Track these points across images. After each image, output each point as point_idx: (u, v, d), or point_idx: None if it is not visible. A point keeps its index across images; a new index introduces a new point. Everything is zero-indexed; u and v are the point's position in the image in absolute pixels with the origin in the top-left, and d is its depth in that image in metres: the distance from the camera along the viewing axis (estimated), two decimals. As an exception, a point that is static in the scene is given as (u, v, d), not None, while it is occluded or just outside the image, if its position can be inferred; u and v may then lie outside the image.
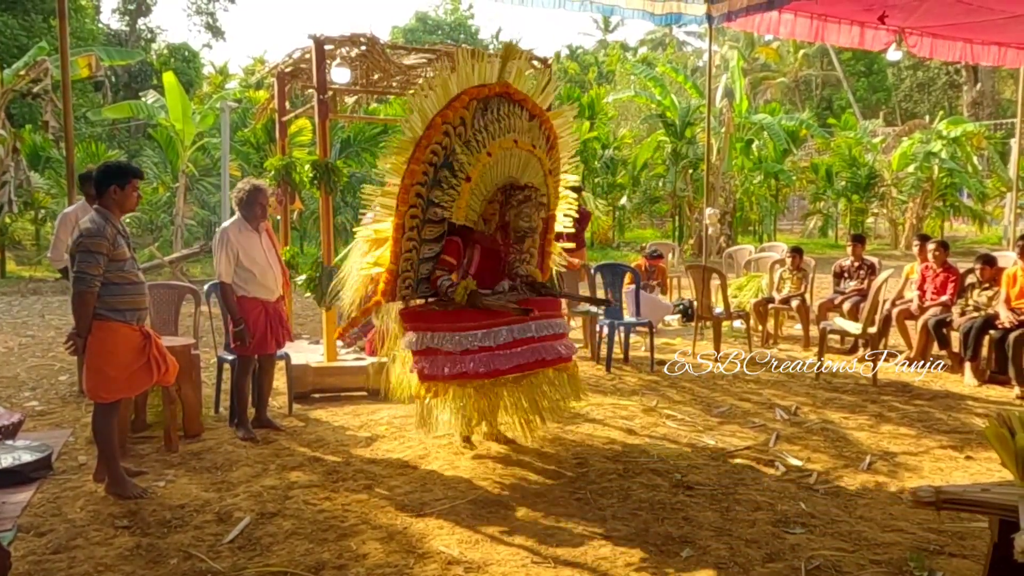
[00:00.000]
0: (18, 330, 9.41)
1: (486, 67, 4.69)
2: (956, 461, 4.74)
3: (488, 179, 4.73)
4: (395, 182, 4.61)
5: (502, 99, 4.75)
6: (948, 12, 8.56)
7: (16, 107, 18.37)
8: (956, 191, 20.99)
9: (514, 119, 4.77)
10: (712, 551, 3.51)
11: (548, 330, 4.70)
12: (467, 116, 4.63)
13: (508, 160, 4.76)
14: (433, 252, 4.74)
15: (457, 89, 4.59)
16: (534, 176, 4.88)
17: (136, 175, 4.16)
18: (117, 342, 4.00)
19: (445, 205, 4.64)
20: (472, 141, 4.64)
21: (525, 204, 4.66)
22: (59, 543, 3.56)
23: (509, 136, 4.72)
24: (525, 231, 4.71)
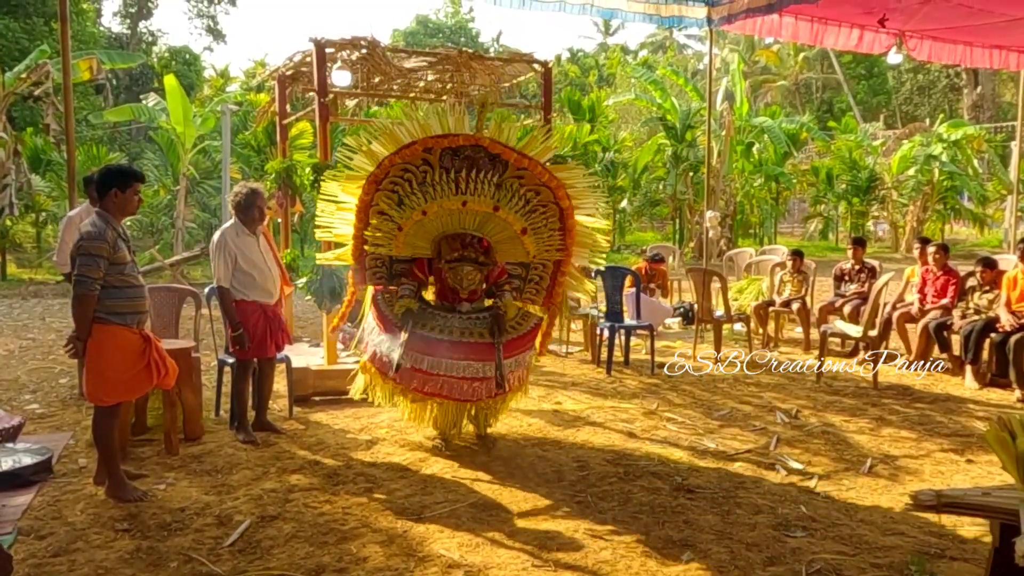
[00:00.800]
0: (19, 333, 9.41)
1: (450, 121, 4.71)
2: (957, 464, 4.74)
3: (430, 229, 4.86)
4: (350, 203, 4.86)
5: (476, 150, 4.75)
6: (949, 15, 8.55)
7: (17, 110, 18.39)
8: (956, 194, 21.03)
9: (484, 171, 4.73)
10: (713, 554, 3.50)
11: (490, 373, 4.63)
12: (432, 159, 4.72)
13: (457, 217, 4.80)
14: (405, 268, 4.97)
15: (409, 138, 4.68)
16: (498, 232, 4.86)
17: (137, 178, 4.15)
18: (117, 345, 4.00)
19: (381, 242, 4.84)
20: (407, 200, 4.74)
21: (460, 263, 4.81)
22: (59, 546, 3.55)
23: (456, 199, 4.72)
24: (458, 288, 4.84)
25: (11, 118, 15.05)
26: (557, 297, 5.11)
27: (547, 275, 5.09)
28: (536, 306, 5.09)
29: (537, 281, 5.10)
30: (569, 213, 4.94)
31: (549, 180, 4.80)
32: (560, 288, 5.13)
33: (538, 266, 5.08)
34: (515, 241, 4.89)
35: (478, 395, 4.69)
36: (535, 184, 4.82)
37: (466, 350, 4.61)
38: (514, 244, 4.92)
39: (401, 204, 4.78)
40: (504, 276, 5.00)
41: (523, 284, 5.09)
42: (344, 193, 4.94)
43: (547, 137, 4.94)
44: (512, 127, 4.91)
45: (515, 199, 4.81)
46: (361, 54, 6.86)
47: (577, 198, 4.99)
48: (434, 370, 4.58)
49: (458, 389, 4.63)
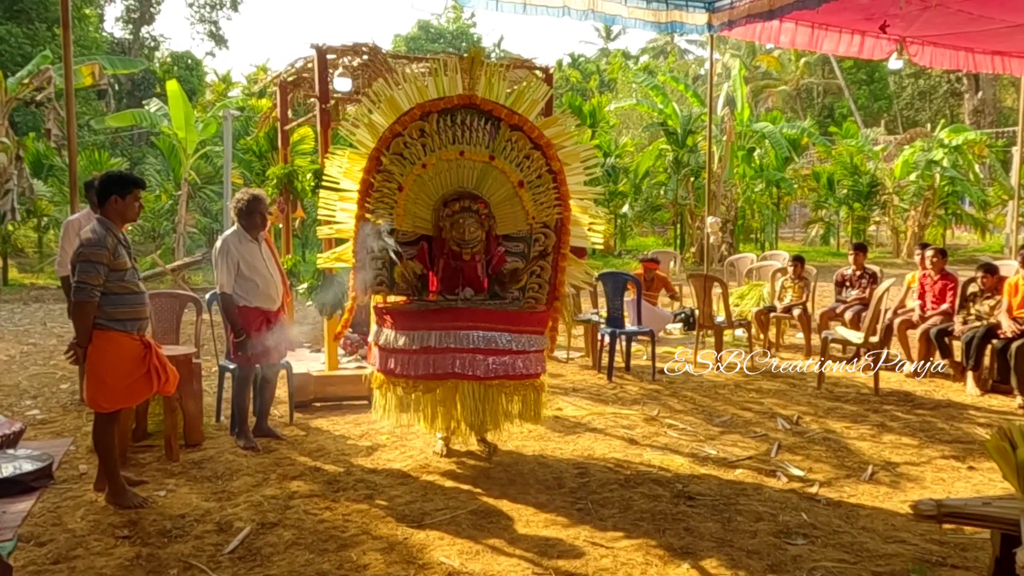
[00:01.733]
0: (20, 338, 9.42)
1: (443, 81, 4.75)
2: (958, 471, 4.73)
3: (429, 189, 4.83)
4: (352, 188, 4.83)
5: (469, 110, 4.78)
6: (949, 21, 8.57)
7: (20, 115, 18.45)
8: (958, 199, 21.01)
9: (478, 130, 4.77)
10: (714, 562, 3.49)
11: (502, 343, 4.53)
12: (427, 127, 4.74)
13: (453, 171, 4.80)
14: (409, 255, 4.87)
15: (408, 103, 4.72)
16: (496, 188, 4.85)
17: (137, 185, 4.15)
18: (117, 352, 4.00)
19: (382, 214, 4.77)
20: (404, 153, 4.75)
21: (459, 215, 4.72)
22: (59, 553, 3.55)
23: (454, 148, 4.76)
24: (459, 243, 4.73)
25: (13, 123, 15.09)
26: (560, 287, 5.00)
27: (548, 266, 5.00)
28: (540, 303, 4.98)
29: (539, 274, 5.01)
30: (561, 178, 4.90)
31: (539, 137, 4.81)
32: (562, 277, 5.02)
33: (536, 254, 4.97)
34: (513, 201, 4.87)
35: (497, 372, 4.51)
36: (527, 148, 4.83)
37: (473, 316, 4.55)
38: (512, 205, 4.88)
39: (402, 159, 4.78)
40: (505, 262, 4.93)
41: (525, 279, 4.99)
42: (346, 178, 4.92)
43: (535, 90, 4.92)
44: (502, 82, 4.85)
45: (510, 150, 4.82)
46: (362, 60, 6.88)
47: (566, 160, 4.95)
48: (443, 344, 4.47)
49: (472, 364, 4.47)
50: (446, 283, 4.89)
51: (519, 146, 4.82)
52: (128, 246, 4.11)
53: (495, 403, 4.61)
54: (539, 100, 4.95)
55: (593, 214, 5.28)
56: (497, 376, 4.52)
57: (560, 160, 4.89)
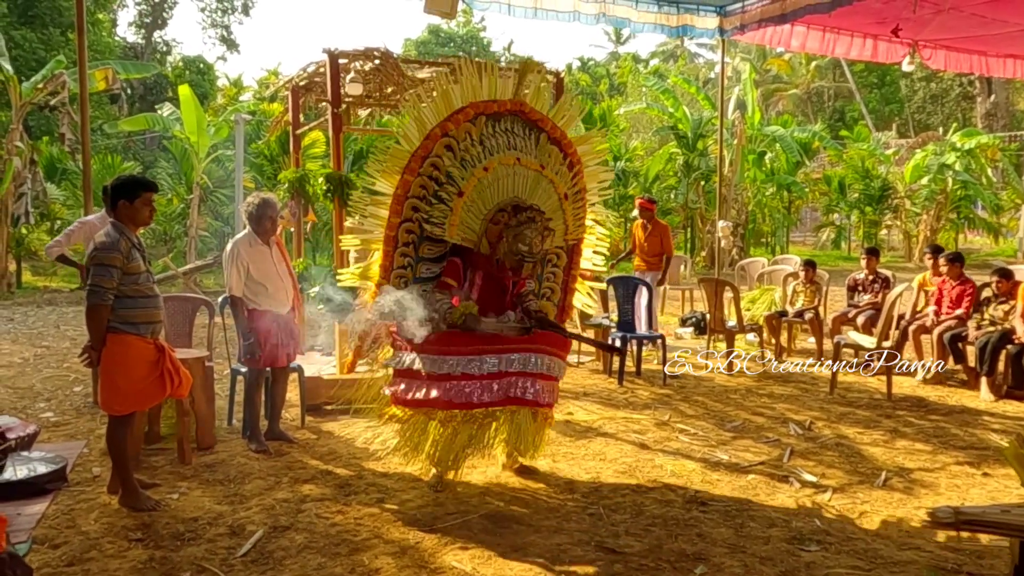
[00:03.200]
0: (33, 341, 9.48)
1: (497, 82, 4.48)
2: (973, 478, 4.69)
3: (486, 196, 4.44)
4: (386, 191, 4.44)
5: (515, 117, 4.58)
6: (962, 25, 8.53)
7: (34, 119, 18.59)
8: (970, 203, 20.88)
9: (523, 139, 4.55)
10: (726, 568, 3.48)
11: (538, 367, 4.24)
12: (474, 132, 4.43)
13: (510, 178, 4.48)
14: (432, 272, 4.55)
15: (461, 101, 4.39)
16: (545, 199, 4.57)
17: (146, 188, 4.11)
18: (130, 355, 4.02)
19: (437, 221, 4.39)
20: (467, 156, 4.42)
21: (526, 226, 4.32)
22: (73, 555, 3.57)
23: (511, 153, 4.47)
24: (523, 255, 4.35)
25: (27, 127, 15.22)
26: (570, 310, 4.90)
27: (557, 284, 4.92)
28: None
29: (548, 297, 4.90)
30: (584, 197, 4.74)
31: (573, 154, 4.67)
32: (571, 299, 4.95)
33: (549, 275, 4.90)
34: (559, 212, 4.65)
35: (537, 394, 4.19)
36: (559, 161, 4.68)
37: (504, 342, 4.26)
38: (557, 216, 4.64)
39: (463, 161, 4.42)
40: (525, 287, 4.66)
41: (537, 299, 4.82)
42: (382, 179, 4.48)
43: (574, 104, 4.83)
44: (547, 96, 4.70)
45: (554, 163, 4.64)
46: (374, 65, 6.91)
47: (588, 180, 4.83)
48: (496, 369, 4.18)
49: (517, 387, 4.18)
50: (486, 304, 4.47)
51: (556, 159, 4.68)
52: (142, 249, 4.13)
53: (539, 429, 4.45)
54: (576, 116, 4.82)
55: (600, 235, 5.12)
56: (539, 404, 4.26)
57: (584, 180, 4.77)
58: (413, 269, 4.51)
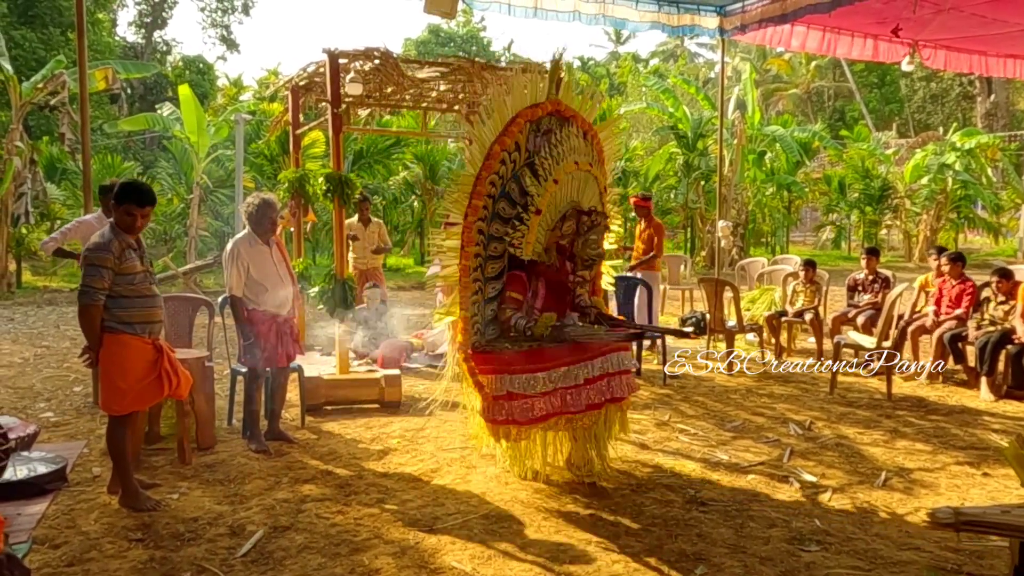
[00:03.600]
0: (33, 341, 9.48)
1: (536, 84, 4.44)
2: (973, 478, 4.69)
3: (554, 208, 4.45)
4: (459, 221, 4.37)
5: (553, 118, 4.54)
6: (962, 25, 8.53)
7: (34, 119, 18.59)
8: (970, 203, 20.88)
9: (570, 139, 4.51)
10: (726, 568, 3.48)
11: (617, 365, 4.38)
12: (521, 140, 4.41)
13: (570, 184, 4.48)
14: (495, 290, 4.50)
15: (512, 112, 4.37)
16: (592, 197, 4.62)
17: (130, 200, 3.99)
18: (128, 355, 4.02)
19: (515, 242, 4.35)
20: (540, 169, 4.36)
21: (593, 231, 4.41)
22: (73, 555, 3.57)
23: (570, 159, 4.45)
24: (594, 259, 4.47)
25: (27, 127, 15.22)
26: (598, 291, 4.90)
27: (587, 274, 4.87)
28: None
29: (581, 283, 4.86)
30: (604, 181, 4.76)
31: (598, 144, 4.68)
32: (599, 282, 4.97)
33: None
34: (599, 206, 4.68)
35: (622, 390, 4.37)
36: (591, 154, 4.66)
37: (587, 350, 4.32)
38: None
39: (537, 177, 4.39)
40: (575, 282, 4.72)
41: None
42: (455, 209, 4.40)
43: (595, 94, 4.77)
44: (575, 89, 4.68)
45: (593, 156, 4.64)
46: (374, 65, 6.90)
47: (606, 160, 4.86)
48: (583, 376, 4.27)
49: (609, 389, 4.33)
50: (551, 310, 4.46)
51: (595, 150, 4.71)
52: (140, 250, 4.12)
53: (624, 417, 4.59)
54: (598, 105, 4.80)
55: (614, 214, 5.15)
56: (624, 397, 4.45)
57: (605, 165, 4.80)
58: (483, 292, 4.46)
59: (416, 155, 18.40)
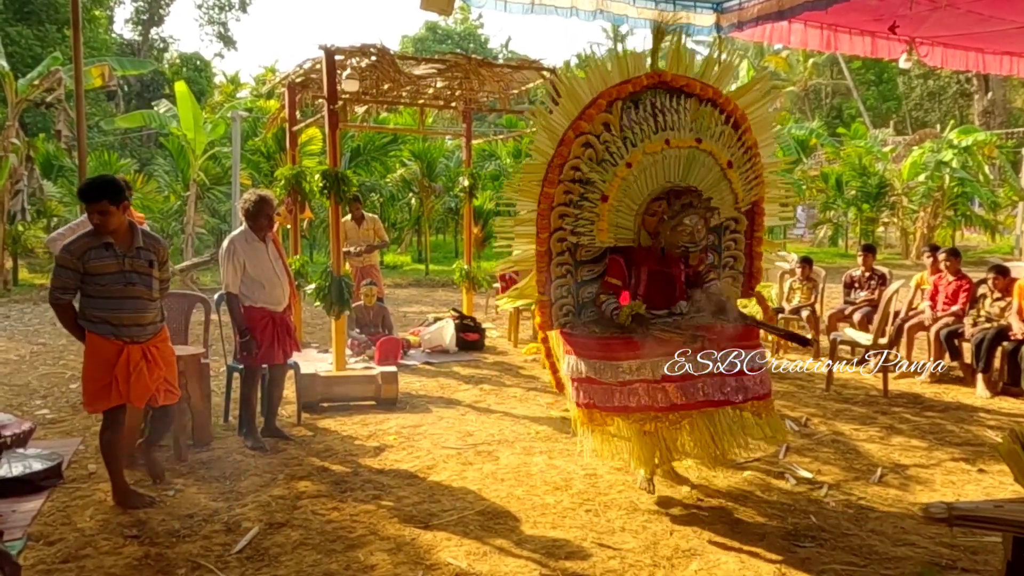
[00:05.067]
0: (30, 338, 9.46)
1: (629, 61, 4.17)
2: (968, 474, 4.70)
3: (635, 191, 4.18)
4: (530, 207, 4.27)
5: (657, 91, 4.20)
6: (959, 22, 8.53)
7: (30, 116, 18.53)
8: (967, 201, 20.89)
9: (670, 113, 4.17)
10: (722, 564, 3.48)
11: (734, 364, 3.99)
12: (612, 120, 4.14)
13: (659, 164, 4.17)
14: (594, 274, 4.35)
15: (591, 94, 4.14)
16: (704, 175, 4.26)
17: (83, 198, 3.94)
18: (90, 353, 4.01)
19: (584, 230, 4.21)
20: (605, 155, 4.15)
21: (684, 214, 4.04)
22: (68, 552, 3.56)
23: (658, 137, 4.12)
24: (686, 246, 4.11)
25: (24, 124, 15.14)
26: (759, 276, 4.51)
27: (741, 255, 4.57)
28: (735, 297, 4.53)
29: (732, 266, 4.54)
30: (756, 153, 4.37)
31: (733, 110, 4.27)
32: (759, 263, 4.55)
33: (729, 243, 4.58)
34: (722, 184, 4.32)
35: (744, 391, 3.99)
36: (720, 123, 4.28)
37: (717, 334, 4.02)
38: (721, 190, 4.33)
39: (601, 162, 4.15)
40: (705, 265, 4.40)
41: (719, 276, 4.51)
42: (522, 198, 4.33)
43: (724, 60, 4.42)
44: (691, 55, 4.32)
45: (713, 127, 4.25)
46: (371, 62, 6.90)
47: (758, 132, 4.42)
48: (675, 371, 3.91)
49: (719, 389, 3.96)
50: (655, 298, 4.24)
51: (713, 122, 4.28)
52: (117, 251, 3.95)
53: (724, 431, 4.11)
54: (729, 69, 4.43)
55: (784, 186, 4.82)
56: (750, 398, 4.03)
57: (753, 133, 4.38)
58: (574, 275, 4.34)
59: (413, 152, 18.38)
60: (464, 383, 7.07)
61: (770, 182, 4.55)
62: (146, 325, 4.07)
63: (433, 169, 18.50)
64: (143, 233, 4.12)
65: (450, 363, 7.86)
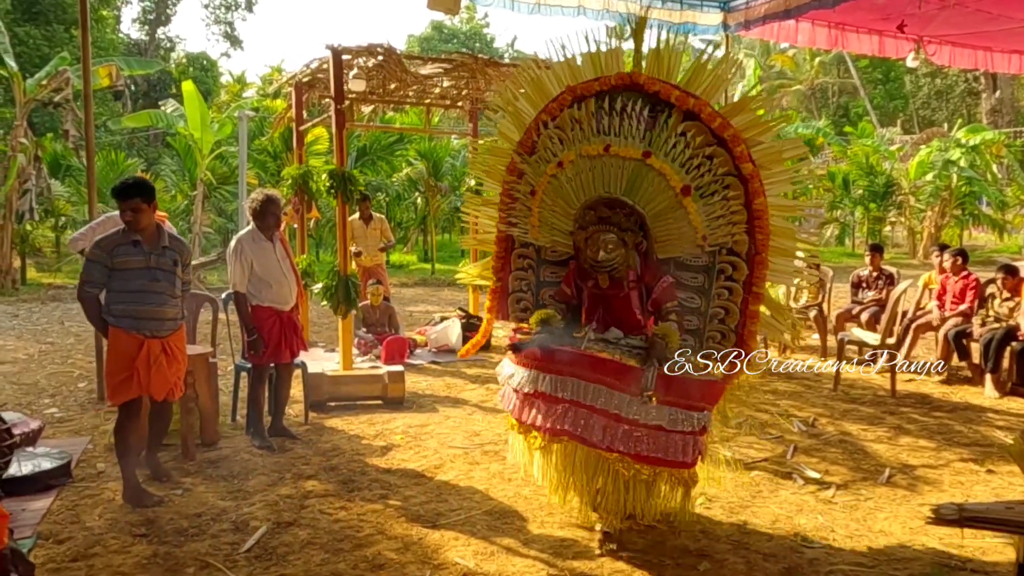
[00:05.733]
0: (38, 337, 9.50)
1: (603, 58, 3.84)
2: (977, 475, 4.68)
3: (569, 195, 3.88)
4: (496, 190, 4.14)
5: (630, 93, 3.76)
6: (967, 21, 8.49)
7: (38, 116, 18.61)
8: (975, 200, 20.80)
9: (633, 121, 3.73)
10: (729, 565, 3.48)
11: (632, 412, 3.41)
12: (582, 118, 3.83)
13: (600, 172, 3.80)
14: (556, 277, 4.08)
15: (557, 88, 3.90)
16: (652, 196, 3.74)
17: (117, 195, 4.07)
18: (112, 346, 4.16)
19: (517, 221, 4.00)
20: (541, 149, 3.94)
21: (597, 229, 3.67)
22: (77, 551, 3.58)
23: (598, 140, 3.76)
24: (592, 265, 3.69)
25: (32, 124, 15.21)
26: (751, 340, 3.79)
27: (734, 303, 3.80)
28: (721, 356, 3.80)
29: (721, 319, 3.83)
30: (755, 187, 3.63)
31: (721, 128, 3.59)
32: (753, 326, 3.77)
33: (722, 290, 3.82)
34: (676, 212, 3.71)
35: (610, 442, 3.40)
36: (706, 143, 3.65)
37: (600, 367, 3.46)
38: (676, 217, 3.73)
39: (535, 155, 3.95)
40: (673, 298, 3.76)
41: (703, 324, 3.83)
42: (488, 180, 4.20)
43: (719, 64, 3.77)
44: (675, 55, 3.73)
45: (679, 146, 3.67)
46: (377, 61, 6.90)
47: (764, 162, 3.66)
48: (559, 392, 3.50)
49: (586, 425, 3.43)
50: (590, 318, 3.89)
51: (695, 141, 3.66)
52: (144, 249, 4.12)
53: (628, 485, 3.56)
54: (723, 80, 3.73)
55: (803, 239, 3.94)
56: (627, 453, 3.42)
57: (754, 162, 3.63)
58: (536, 271, 4.14)
59: (419, 152, 18.39)
60: (471, 382, 7.07)
61: (779, 230, 3.75)
62: (165, 320, 4.21)
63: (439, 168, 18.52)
64: (169, 235, 4.31)
65: (456, 362, 7.86)
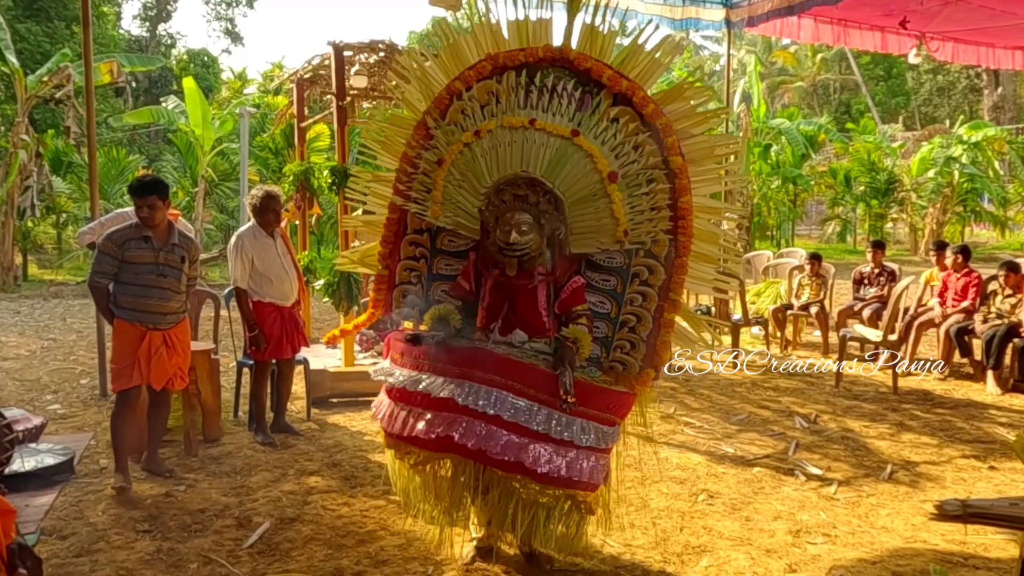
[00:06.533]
0: (40, 333, 9.51)
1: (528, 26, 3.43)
2: (979, 471, 4.68)
3: (481, 171, 3.40)
4: (391, 165, 3.63)
5: (559, 69, 3.38)
6: (969, 17, 8.49)
7: (39, 113, 18.59)
8: (977, 196, 20.77)
9: (562, 98, 3.33)
10: (732, 561, 3.48)
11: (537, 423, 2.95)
12: (502, 93, 3.39)
13: (517, 147, 3.32)
14: (453, 270, 3.61)
15: (477, 55, 3.44)
16: (576, 179, 3.30)
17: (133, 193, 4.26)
18: (116, 336, 4.27)
19: (418, 196, 3.51)
20: (457, 116, 3.45)
21: (509, 208, 3.24)
22: (81, 546, 3.59)
23: (523, 113, 3.33)
24: (506, 250, 3.20)
25: (33, 120, 15.20)
26: (664, 352, 3.37)
27: (647, 310, 3.36)
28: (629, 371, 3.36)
29: (632, 327, 3.37)
30: (682, 183, 3.28)
31: (653, 115, 3.25)
32: (667, 337, 3.36)
33: (635, 295, 3.38)
34: (599, 202, 3.31)
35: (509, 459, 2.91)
36: (636, 130, 3.29)
37: (506, 368, 3.00)
38: (597, 208, 3.32)
39: (451, 123, 3.46)
40: (582, 301, 3.32)
41: (612, 331, 3.38)
42: (384, 152, 3.65)
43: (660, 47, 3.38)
44: (612, 36, 3.40)
45: (608, 130, 3.31)
46: (379, 57, 6.89)
47: (694, 157, 3.33)
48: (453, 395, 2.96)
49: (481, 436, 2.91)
50: (490, 314, 3.36)
51: (626, 128, 3.30)
52: (154, 244, 4.25)
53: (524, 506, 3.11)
54: (663, 63, 3.38)
55: (727, 243, 3.56)
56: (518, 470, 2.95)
57: (683, 155, 3.28)
58: (428, 262, 3.64)
59: (421, 148, 18.41)
60: (472, 379, 7.06)
61: (703, 233, 3.38)
62: (168, 314, 4.32)
63: (440, 165, 18.50)
64: (179, 232, 4.41)
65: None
